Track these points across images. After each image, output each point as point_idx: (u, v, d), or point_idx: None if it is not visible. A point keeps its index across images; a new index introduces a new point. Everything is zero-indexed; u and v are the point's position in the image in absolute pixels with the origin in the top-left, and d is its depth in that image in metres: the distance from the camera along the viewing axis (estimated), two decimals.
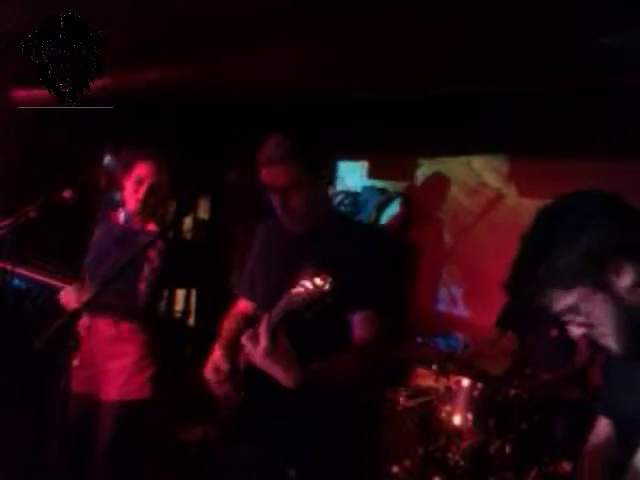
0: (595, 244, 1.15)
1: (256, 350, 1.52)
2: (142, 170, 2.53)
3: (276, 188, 1.80)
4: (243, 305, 2.14)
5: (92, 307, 2.16)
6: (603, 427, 1.55)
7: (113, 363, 2.50)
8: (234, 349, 1.88)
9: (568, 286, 1.18)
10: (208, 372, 1.90)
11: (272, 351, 1.51)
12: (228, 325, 2.09)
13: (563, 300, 1.20)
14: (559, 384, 3.12)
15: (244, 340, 1.57)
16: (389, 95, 4.41)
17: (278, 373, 1.55)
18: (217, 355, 1.90)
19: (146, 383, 2.50)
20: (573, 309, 1.21)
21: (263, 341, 1.50)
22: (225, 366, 1.85)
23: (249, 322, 1.98)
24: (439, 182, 4.62)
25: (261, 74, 3.92)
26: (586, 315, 1.20)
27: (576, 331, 1.24)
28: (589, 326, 1.22)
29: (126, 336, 2.50)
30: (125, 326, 2.48)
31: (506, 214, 4.17)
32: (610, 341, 1.23)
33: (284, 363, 1.54)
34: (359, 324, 1.81)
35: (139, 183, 2.52)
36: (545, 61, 3.13)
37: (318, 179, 1.84)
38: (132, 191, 2.53)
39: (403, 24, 2.76)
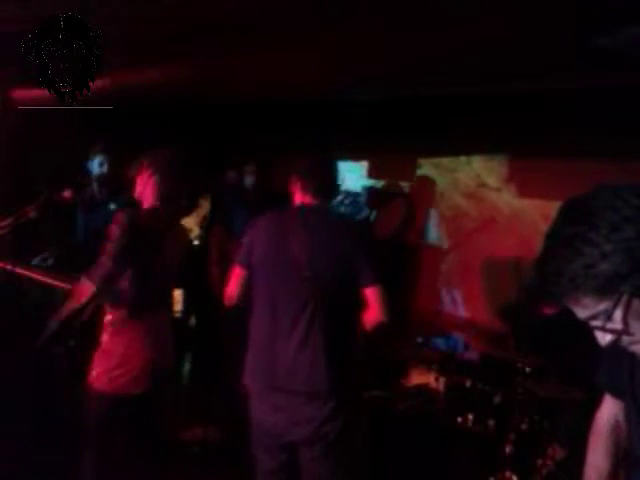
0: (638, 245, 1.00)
1: None
2: None
3: None
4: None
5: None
6: (608, 406, 1.51)
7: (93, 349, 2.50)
8: None
9: (605, 291, 1.03)
10: None
11: None
12: None
13: (596, 306, 1.05)
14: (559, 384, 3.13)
15: None
16: (389, 95, 4.42)
17: None
18: None
19: (102, 377, 2.42)
20: (605, 315, 1.06)
21: None
22: None
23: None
24: (426, 185, 4.66)
25: (261, 74, 3.92)
26: (623, 322, 1.05)
27: (605, 338, 1.10)
28: (623, 333, 1.08)
29: (104, 324, 2.48)
30: (108, 314, 2.46)
31: (505, 215, 4.18)
32: None
33: None
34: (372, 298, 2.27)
35: None
36: (545, 61, 3.13)
37: None
38: None
39: (403, 24, 2.76)
